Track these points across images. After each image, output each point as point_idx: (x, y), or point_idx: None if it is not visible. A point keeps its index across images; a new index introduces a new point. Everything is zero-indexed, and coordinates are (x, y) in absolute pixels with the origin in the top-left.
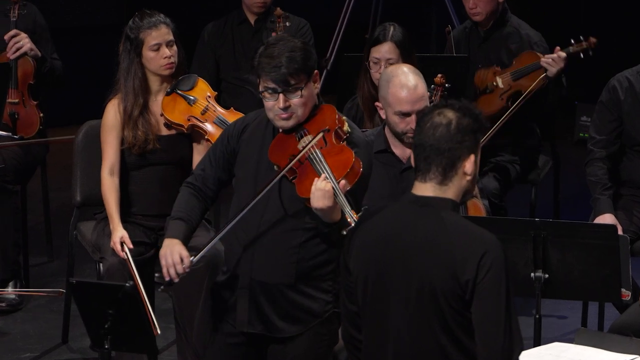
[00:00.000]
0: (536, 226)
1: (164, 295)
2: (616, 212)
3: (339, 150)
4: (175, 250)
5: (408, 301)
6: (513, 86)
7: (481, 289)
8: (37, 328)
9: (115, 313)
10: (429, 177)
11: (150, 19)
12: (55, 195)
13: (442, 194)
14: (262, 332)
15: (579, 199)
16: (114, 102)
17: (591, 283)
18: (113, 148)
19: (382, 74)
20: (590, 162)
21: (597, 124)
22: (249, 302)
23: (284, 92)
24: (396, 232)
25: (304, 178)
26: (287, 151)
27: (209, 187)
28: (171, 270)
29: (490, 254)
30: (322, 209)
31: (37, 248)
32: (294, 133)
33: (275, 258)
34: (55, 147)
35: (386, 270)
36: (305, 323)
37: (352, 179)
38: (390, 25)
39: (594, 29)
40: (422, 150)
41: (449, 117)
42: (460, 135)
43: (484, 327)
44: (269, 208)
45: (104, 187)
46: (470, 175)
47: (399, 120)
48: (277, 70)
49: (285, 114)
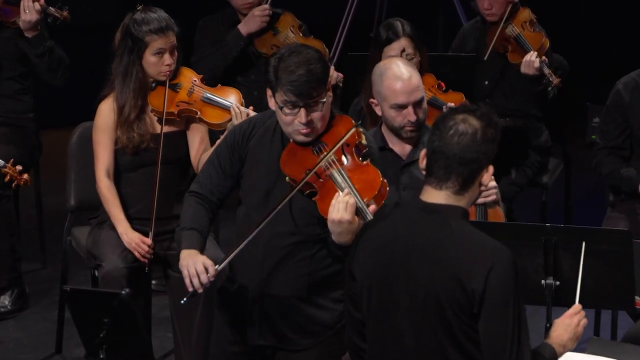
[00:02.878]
0: (547, 231)
1: (161, 304)
2: (625, 217)
3: (364, 170)
4: (198, 260)
5: (413, 310)
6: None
7: (489, 303)
8: (30, 337)
9: (111, 322)
10: (445, 186)
11: (159, 23)
12: (48, 200)
13: (454, 203)
14: (274, 344)
15: (591, 203)
16: (108, 101)
17: (604, 290)
18: (107, 150)
19: (374, 71)
20: (598, 162)
21: (604, 130)
22: (260, 315)
23: (305, 106)
24: (402, 240)
25: (325, 196)
26: (303, 165)
27: (216, 196)
28: (195, 280)
29: (499, 265)
30: (339, 222)
31: (29, 254)
32: (310, 146)
33: (286, 270)
34: (49, 149)
35: (391, 278)
36: (318, 335)
37: (379, 201)
38: (396, 21)
39: (605, 28)
40: (443, 157)
41: (474, 126)
42: (485, 146)
43: (491, 343)
44: (279, 220)
45: (103, 190)
46: (484, 186)
47: (395, 113)
48: (299, 85)
49: (306, 130)
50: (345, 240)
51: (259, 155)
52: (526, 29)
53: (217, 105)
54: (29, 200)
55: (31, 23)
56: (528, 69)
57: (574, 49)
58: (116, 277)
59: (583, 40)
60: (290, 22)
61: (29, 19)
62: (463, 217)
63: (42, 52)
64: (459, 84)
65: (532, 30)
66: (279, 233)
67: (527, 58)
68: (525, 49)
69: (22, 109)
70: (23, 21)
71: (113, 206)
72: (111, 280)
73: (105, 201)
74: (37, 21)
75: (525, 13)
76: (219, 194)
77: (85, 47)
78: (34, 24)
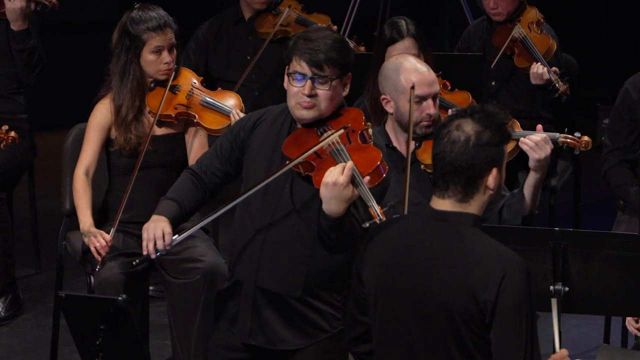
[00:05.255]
0: (555, 236)
1: (160, 310)
2: (637, 221)
3: (365, 149)
4: (159, 226)
5: (422, 319)
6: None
7: (501, 314)
8: (24, 344)
9: (107, 329)
10: (447, 195)
11: (157, 20)
12: (43, 203)
13: (463, 210)
14: (264, 345)
15: (600, 206)
16: (105, 101)
17: (614, 297)
18: (93, 148)
19: (386, 67)
20: (608, 170)
21: (612, 132)
22: (251, 310)
23: (312, 78)
24: (411, 247)
25: (322, 169)
26: (304, 146)
27: (211, 178)
28: (150, 244)
29: (512, 276)
30: (333, 185)
31: (23, 259)
32: (315, 128)
33: (282, 266)
34: (44, 151)
35: (399, 285)
36: (312, 336)
37: (375, 179)
38: (400, 19)
39: (616, 27)
40: (441, 166)
41: (467, 131)
42: (480, 152)
43: (503, 355)
44: (279, 209)
45: (77, 185)
46: (493, 190)
47: (414, 107)
48: (313, 53)
49: (307, 102)
50: (335, 209)
51: (266, 143)
52: (533, 31)
53: (216, 110)
54: (23, 203)
55: (16, 12)
56: (538, 80)
57: (584, 48)
58: (113, 283)
59: (593, 39)
60: (292, 4)
61: (14, 6)
62: (475, 224)
63: (24, 48)
64: (465, 84)
65: (539, 32)
66: (279, 222)
67: (534, 70)
68: (532, 52)
69: (16, 109)
70: (8, 10)
71: (82, 200)
72: (107, 286)
73: (76, 194)
74: (23, 10)
75: (532, 13)
76: (213, 176)
77: (80, 46)
78: (20, 13)
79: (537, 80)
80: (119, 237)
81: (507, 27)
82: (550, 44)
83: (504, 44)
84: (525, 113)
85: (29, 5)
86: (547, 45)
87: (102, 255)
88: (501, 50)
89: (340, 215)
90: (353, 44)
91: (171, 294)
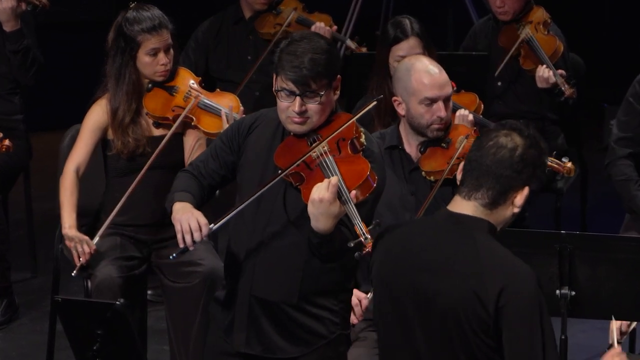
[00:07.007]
0: (562, 239)
1: (158, 315)
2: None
3: (353, 160)
4: (193, 216)
5: (429, 322)
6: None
7: (509, 325)
8: (20, 349)
9: (104, 333)
10: (475, 197)
11: (152, 21)
12: (39, 205)
13: (482, 216)
14: (262, 353)
15: (607, 209)
16: (102, 102)
17: (622, 301)
18: (87, 148)
19: (398, 68)
20: (612, 162)
21: (622, 121)
22: (247, 319)
23: (301, 95)
24: (422, 249)
25: (311, 183)
26: (295, 156)
27: (207, 181)
28: (187, 237)
29: (520, 285)
30: (319, 202)
31: (19, 263)
32: (305, 137)
33: (277, 274)
34: (41, 152)
35: (406, 287)
36: (310, 344)
37: (364, 192)
38: (404, 18)
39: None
40: (477, 167)
41: (516, 142)
42: (522, 166)
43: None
44: (273, 218)
45: (65, 181)
46: (518, 208)
47: (424, 110)
48: (298, 72)
49: (299, 119)
50: (322, 226)
51: (259, 148)
52: (539, 31)
53: (215, 112)
54: (18, 205)
55: (7, 12)
56: (543, 84)
57: (591, 48)
58: (110, 287)
59: (601, 39)
60: (293, 4)
61: (4, 6)
62: (490, 231)
63: (18, 49)
64: (469, 84)
65: (546, 33)
66: (272, 231)
67: (540, 74)
68: (538, 54)
69: (12, 110)
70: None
71: (68, 198)
72: (105, 290)
73: (64, 191)
74: (14, 10)
75: (539, 13)
76: (210, 178)
77: (78, 46)
78: (11, 13)
79: (543, 84)
80: (116, 240)
81: (513, 27)
82: (557, 45)
83: (510, 45)
84: (531, 114)
85: (19, 5)
86: (554, 47)
87: (83, 262)
88: (509, 54)
89: (330, 232)
90: (355, 44)
91: (170, 298)
